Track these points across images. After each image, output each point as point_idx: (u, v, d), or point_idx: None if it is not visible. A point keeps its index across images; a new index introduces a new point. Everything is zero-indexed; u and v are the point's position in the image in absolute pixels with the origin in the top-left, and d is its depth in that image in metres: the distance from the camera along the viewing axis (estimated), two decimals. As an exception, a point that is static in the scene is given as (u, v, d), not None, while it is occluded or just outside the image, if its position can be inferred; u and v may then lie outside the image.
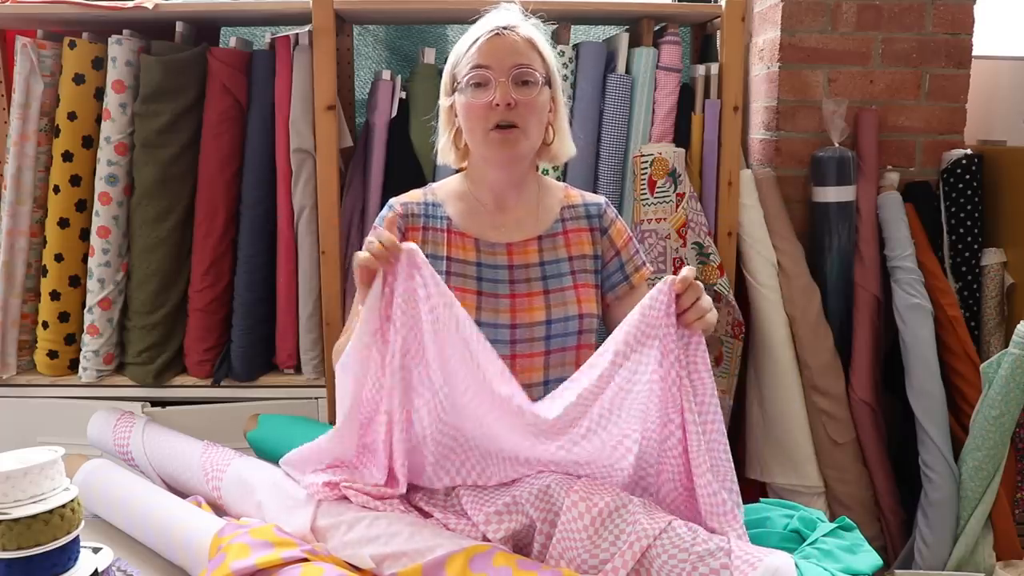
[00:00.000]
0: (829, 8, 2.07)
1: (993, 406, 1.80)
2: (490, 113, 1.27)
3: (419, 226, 1.38)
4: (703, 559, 1.02)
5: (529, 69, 1.28)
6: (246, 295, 1.93)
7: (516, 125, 1.28)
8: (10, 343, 1.94)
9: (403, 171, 1.95)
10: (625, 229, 1.46)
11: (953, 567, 1.88)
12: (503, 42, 1.28)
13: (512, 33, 1.29)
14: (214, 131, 1.88)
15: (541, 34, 1.34)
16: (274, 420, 1.65)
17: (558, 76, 1.36)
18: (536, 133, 1.33)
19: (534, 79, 1.29)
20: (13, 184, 1.88)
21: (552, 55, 1.35)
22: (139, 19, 1.89)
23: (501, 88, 1.26)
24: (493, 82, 1.27)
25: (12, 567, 0.98)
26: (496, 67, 1.27)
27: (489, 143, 1.30)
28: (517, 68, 1.27)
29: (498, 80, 1.27)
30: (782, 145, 2.12)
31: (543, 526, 1.11)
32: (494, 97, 1.26)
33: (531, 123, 1.30)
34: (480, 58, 1.28)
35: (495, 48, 1.28)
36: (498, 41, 1.28)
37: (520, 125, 1.29)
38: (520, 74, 1.28)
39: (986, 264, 2.06)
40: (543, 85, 1.31)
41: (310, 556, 1.08)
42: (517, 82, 1.28)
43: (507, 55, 1.28)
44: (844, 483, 1.99)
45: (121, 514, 1.33)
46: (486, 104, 1.27)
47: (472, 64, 1.28)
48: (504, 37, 1.28)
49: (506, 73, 1.27)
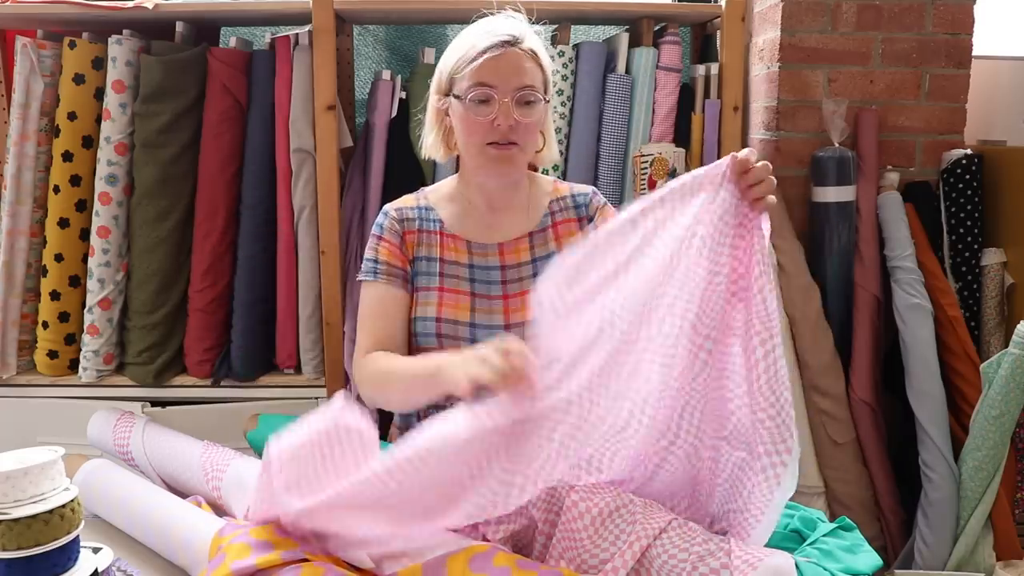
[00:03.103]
0: (829, 8, 2.07)
1: (993, 406, 1.80)
2: (490, 131, 1.27)
3: (415, 230, 1.38)
4: (703, 559, 1.02)
5: (532, 90, 1.28)
6: (246, 295, 1.93)
7: (515, 143, 1.29)
8: (10, 343, 1.94)
9: (403, 171, 1.95)
10: (615, 215, 1.44)
11: (953, 567, 1.88)
12: (508, 59, 1.26)
13: (517, 48, 1.27)
14: (214, 131, 1.88)
15: (542, 42, 1.33)
16: (274, 420, 1.65)
17: (551, 81, 1.36)
18: (532, 148, 1.34)
19: (536, 99, 1.29)
20: (13, 184, 1.88)
21: (549, 64, 1.35)
22: (139, 19, 1.89)
23: (504, 109, 1.26)
24: (496, 101, 1.26)
25: (12, 567, 0.98)
26: (501, 87, 1.26)
27: (486, 157, 1.30)
28: (521, 90, 1.27)
29: (501, 100, 1.26)
30: (782, 145, 2.12)
31: (544, 526, 1.11)
32: (496, 117, 1.26)
33: (528, 141, 1.31)
34: (485, 75, 1.26)
35: (500, 66, 1.26)
36: (504, 58, 1.26)
37: (519, 143, 1.29)
38: (524, 95, 1.27)
39: (986, 264, 2.06)
40: (544, 103, 1.32)
41: (310, 556, 1.08)
42: (520, 103, 1.27)
43: (512, 74, 1.26)
44: (844, 483, 1.99)
45: (121, 514, 1.33)
46: (488, 122, 1.27)
47: (476, 80, 1.26)
48: (509, 54, 1.26)
49: (510, 94, 1.26)
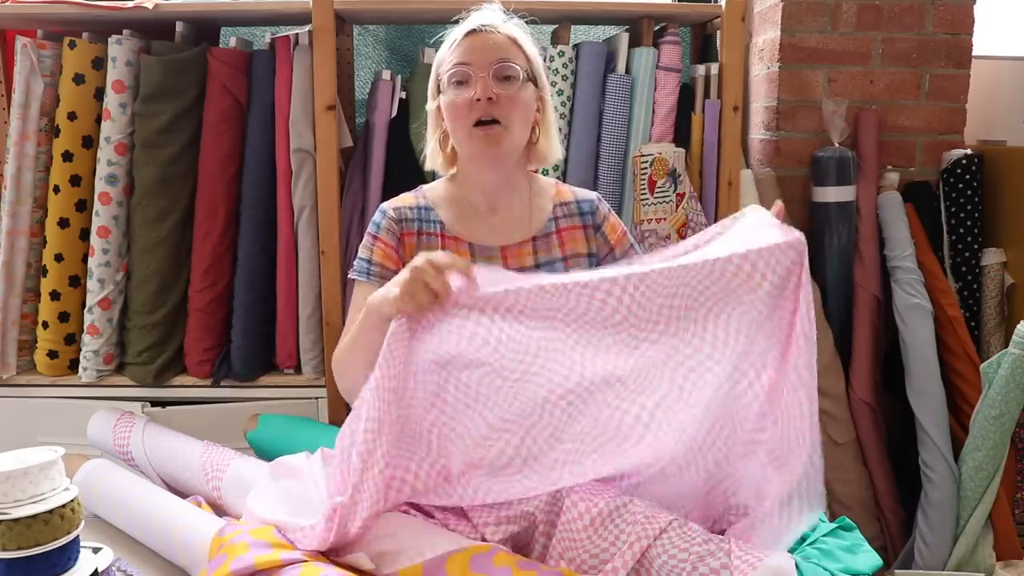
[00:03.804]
0: (829, 8, 2.07)
1: (993, 406, 1.80)
2: (472, 109, 1.26)
3: (413, 231, 1.37)
4: (703, 559, 1.02)
5: (510, 63, 1.28)
6: (246, 295, 1.93)
7: (498, 121, 1.27)
8: (10, 343, 1.94)
9: (403, 171, 1.95)
10: (619, 224, 1.44)
11: (953, 567, 1.88)
12: (483, 39, 1.28)
13: (492, 31, 1.28)
14: (214, 131, 1.88)
15: (524, 33, 1.33)
16: (274, 420, 1.65)
17: (544, 76, 1.36)
18: (520, 130, 1.31)
19: (515, 74, 1.28)
20: (13, 184, 1.88)
21: (536, 54, 1.34)
22: (139, 19, 1.89)
23: (482, 83, 1.25)
24: (474, 77, 1.26)
25: (12, 567, 0.98)
26: (476, 63, 1.26)
27: (472, 140, 1.29)
28: (498, 63, 1.27)
29: (478, 75, 1.26)
30: (782, 145, 2.12)
31: (544, 527, 1.11)
32: (475, 92, 1.26)
33: (514, 119, 1.29)
34: (460, 55, 1.28)
35: (475, 45, 1.28)
36: (478, 38, 1.28)
37: (503, 120, 1.27)
38: (501, 68, 1.27)
39: (986, 264, 2.06)
40: (525, 81, 1.30)
41: (309, 557, 1.08)
42: (498, 77, 1.27)
43: (487, 51, 1.27)
44: (844, 483, 1.99)
45: (121, 514, 1.33)
46: (467, 100, 1.26)
47: (453, 62, 1.28)
48: (484, 34, 1.28)
49: (486, 68, 1.26)
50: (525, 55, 1.32)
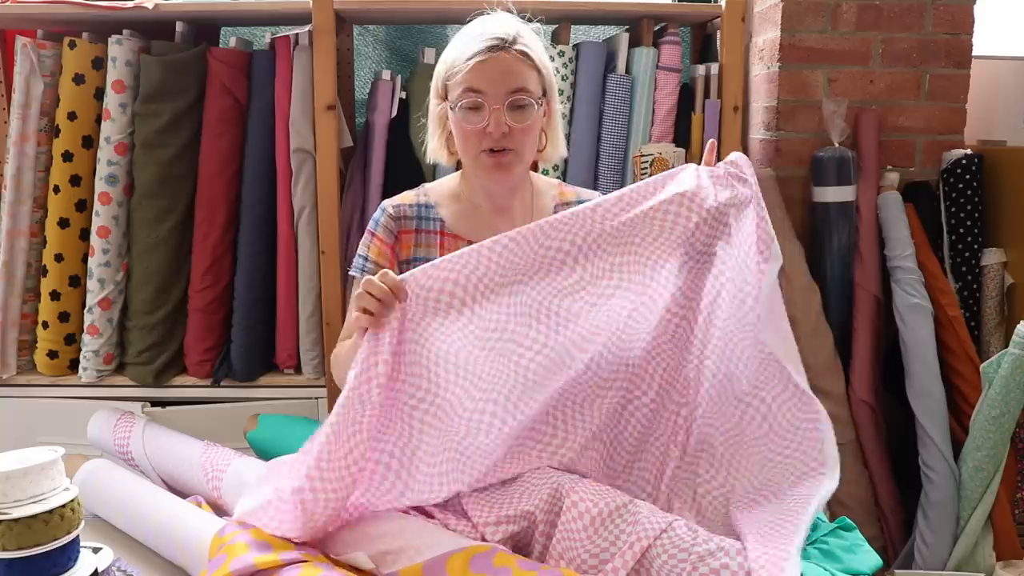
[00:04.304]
0: (829, 8, 2.07)
1: (993, 406, 1.80)
2: (484, 138, 1.25)
3: (411, 229, 1.37)
4: (703, 559, 1.02)
5: (524, 94, 1.24)
6: (246, 295, 1.93)
7: (510, 148, 1.26)
8: (10, 343, 1.94)
9: (403, 171, 1.95)
10: None
11: (953, 567, 1.88)
12: (498, 63, 1.23)
13: (508, 51, 1.24)
14: (214, 131, 1.88)
15: (539, 42, 1.29)
16: (274, 420, 1.65)
17: (554, 82, 1.33)
18: (530, 153, 1.31)
19: (528, 103, 1.25)
20: (13, 184, 1.88)
21: (547, 62, 1.30)
22: (139, 19, 1.89)
23: (495, 116, 1.23)
24: (487, 107, 1.23)
25: (12, 567, 0.98)
26: (490, 93, 1.23)
27: (482, 166, 1.28)
28: (512, 94, 1.24)
29: (492, 107, 1.23)
30: (782, 145, 2.12)
31: (544, 527, 1.11)
32: (488, 124, 1.23)
33: (525, 146, 1.28)
34: (474, 80, 1.23)
35: (489, 71, 1.23)
36: (493, 62, 1.23)
37: (515, 149, 1.26)
38: (515, 100, 1.24)
39: (986, 264, 2.06)
40: (539, 106, 1.28)
41: (308, 558, 1.08)
42: (512, 108, 1.24)
43: (502, 79, 1.23)
44: (844, 483, 1.97)
45: (121, 514, 1.33)
46: (480, 129, 1.25)
47: (466, 86, 1.24)
48: (499, 58, 1.23)
49: (501, 100, 1.23)
50: (539, 72, 1.28)
